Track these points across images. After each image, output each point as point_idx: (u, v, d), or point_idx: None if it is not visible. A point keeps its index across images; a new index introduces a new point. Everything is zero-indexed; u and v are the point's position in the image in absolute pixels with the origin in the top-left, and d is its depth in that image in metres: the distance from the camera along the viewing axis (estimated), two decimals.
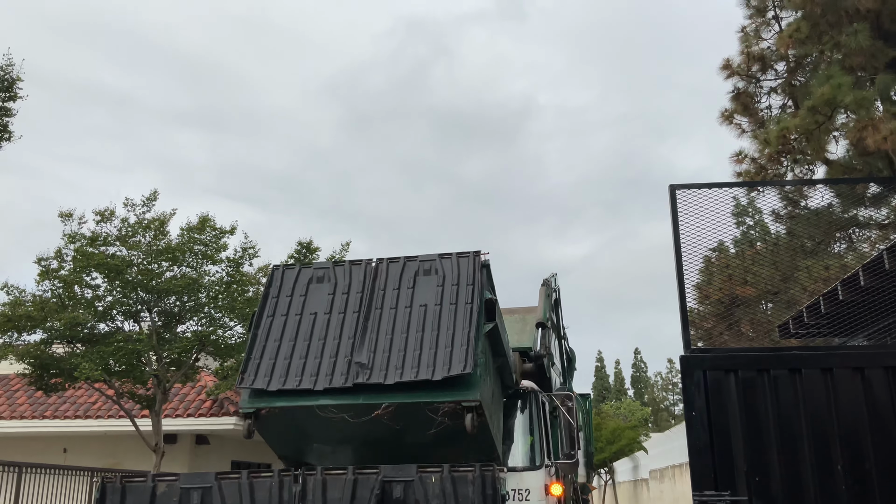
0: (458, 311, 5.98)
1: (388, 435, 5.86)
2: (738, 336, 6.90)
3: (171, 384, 16.07)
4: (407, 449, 5.96)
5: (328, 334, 6.11)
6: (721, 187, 6.20)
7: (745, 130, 12.66)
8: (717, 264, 6.85)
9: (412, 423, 5.74)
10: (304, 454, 6.46)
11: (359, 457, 6.19)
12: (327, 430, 5.91)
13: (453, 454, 5.74)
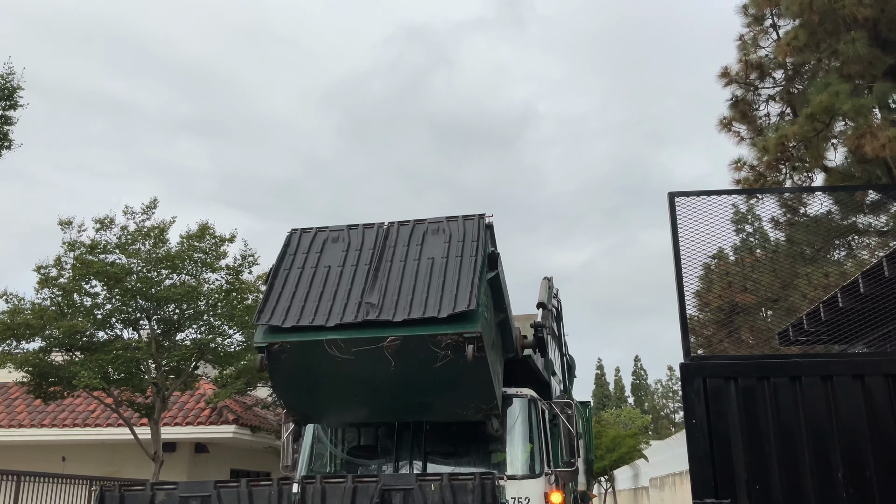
0: (462, 262, 6.48)
1: (391, 373, 6.16)
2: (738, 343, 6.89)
3: (170, 392, 16.05)
4: (409, 389, 6.32)
5: (341, 283, 6.60)
6: (720, 194, 6.20)
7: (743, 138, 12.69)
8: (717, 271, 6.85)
9: (416, 359, 6.08)
10: (309, 395, 6.70)
11: (362, 398, 6.56)
12: (334, 367, 6.24)
13: (454, 396, 6.25)
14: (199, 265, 16.37)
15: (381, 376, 6.27)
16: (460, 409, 6.65)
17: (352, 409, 6.83)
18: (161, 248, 15.87)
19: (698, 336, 6.75)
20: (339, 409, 6.86)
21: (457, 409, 6.66)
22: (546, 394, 8.64)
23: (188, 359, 16.18)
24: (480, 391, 6.43)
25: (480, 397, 6.48)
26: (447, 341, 6.01)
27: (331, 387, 6.55)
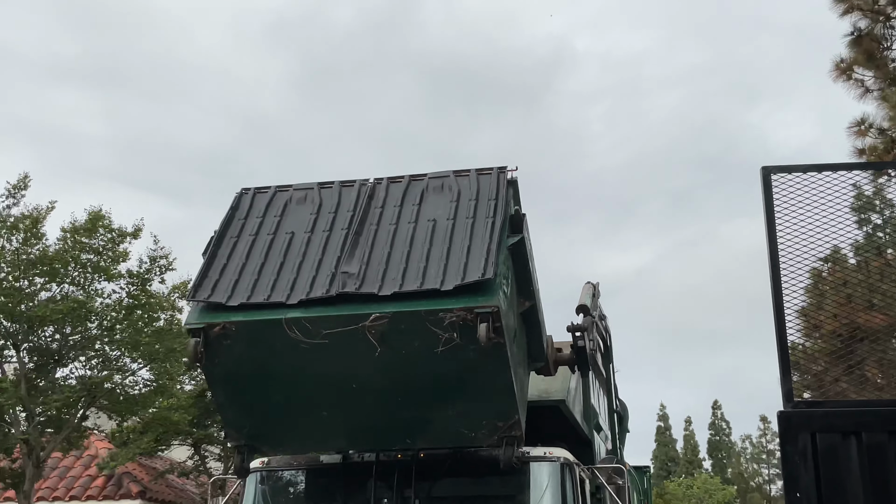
0: (475, 224, 6.63)
1: (375, 367, 6.28)
2: (862, 384, 6.90)
3: (47, 453, 16.05)
4: (399, 393, 6.48)
5: (308, 251, 6.77)
6: (835, 170, 6.21)
7: (869, 89, 12.73)
8: (831, 280, 6.85)
9: (410, 344, 6.19)
10: (261, 406, 6.82)
11: (333, 410, 6.67)
12: (297, 359, 6.34)
13: (459, 406, 6.36)
14: (88, 270, 16.37)
15: (360, 374, 6.40)
16: (467, 428, 6.72)
17: (318, 428, 7.00)
18: (35, 246, 15.89)
19: (804, 374, 6.75)
20: (300, 428, 7.06)
21: (463, 428, 6.73)
22: (587, 455, 8.66)
23: (73, 405, 16.18)
24: (496, 397, 6.52)
25: (496, 407, 6.57)
26: (452, 319, 6.06)
27: (291, 391, 6.68)
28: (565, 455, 7.64)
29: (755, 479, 68.95)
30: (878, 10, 12.35)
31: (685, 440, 73.28)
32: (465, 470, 7.44)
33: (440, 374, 6.39)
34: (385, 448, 7.34)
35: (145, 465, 19.83)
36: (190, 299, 6.67)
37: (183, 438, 18.80)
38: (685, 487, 58.12)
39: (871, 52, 12.45)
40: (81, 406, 16.28)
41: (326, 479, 7.87)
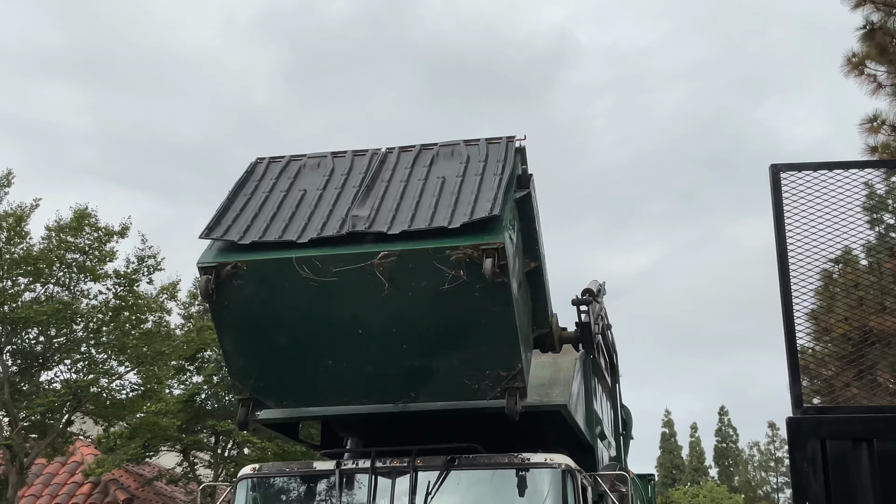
0: (484, 179, 7.14)
1: (382, 308, 6.69)
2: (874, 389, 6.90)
3: (31, 460, 16.05)
4: (406, 336, 6.84)
5: (320, 203, 7.28)
6: (847, 168, 6.21)
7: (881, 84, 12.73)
8: (843, 282, 6.86)
9: (417, 283, 6.59)
10: (267, 353, 7.16)
11: (340, 351, 7.01)
12: (306, 300, 6.74)
13: (464, 351, 6.81)
14: (74, 270, 16.37)
15: (367, 317, 6.78)
16: (471, 379, 7.04)
17: (323, 379, 7.23)
18: (18, 246, 15.89)
19: (814, 378, 6.75)
20: (305, 379, 7.29)
21: (466, 379, 7.05)
22: (589, 462, 8.67)
23: (58, 409, 16.18)
24: (500, 343, 6.85)
25: (499, 355, 6.89)
26: (458, 255, 6.44)
27: (298, 337, 7.01)
28: (567, 462, 7.65)
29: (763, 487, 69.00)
30: (890, 3, 12.36)
31: (691, 447, 73.28)
32: (463, 478, 7.45)
33: (445, 316, 6.71)
34: (391, 401, 7.58)
35: (132, 472, 19.83)
36: (202, 237, 7.00)
37: (171, 444, 18.79)
38: (691, 496, 58.13)
39: (884, 47, 12.45)
40: (67, 411, 16.27)
41: (319, 486, 7.89)
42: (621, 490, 7.90)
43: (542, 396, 8.16)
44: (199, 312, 20.07)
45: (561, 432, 8.45)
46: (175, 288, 18.19)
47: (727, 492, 61.56)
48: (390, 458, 7.53)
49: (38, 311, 15.20)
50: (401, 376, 7.20)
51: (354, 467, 7.63)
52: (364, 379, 7.25)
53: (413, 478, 7.36)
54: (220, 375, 18.92)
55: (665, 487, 61.97)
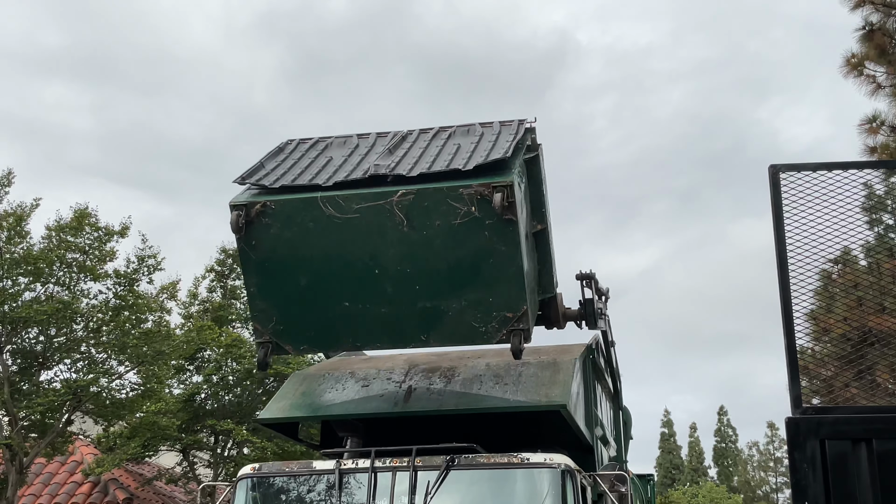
0: (497, 143, 7.78)
1: (398, 247, 7.27)
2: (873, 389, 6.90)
3: (30, 459, 16.05)
4: (419, 270, 7.36)
5: (347, 161, 7.91)
6: (846, 169, 6.21)
7: (881, 85, 12.74)
8: (842, 282, 6.86)
9: (431, 221, 7.19)
10: (290, 292, 7.65)
11: (357, 292, 7.51)
12: (329, 237, 7.35)
13: (472, 288, 7.29)
14: (74, 270, 16.37)
15: (384, 256, 7.33)
16: (479, 322, 7.44)
17: (340, 321, 7.66)
18: (19, 245, 15.89)
19: (814, 379, 6.76)
20: (323, 322, 7.73)
21: (474, 322, 7.45)
22: (588, 462, 8.67)
23: (58, 409, 16.18)
24: (507, 284, 7.31)
25: (506, 296, 7.33)
26: (470, 193, 7.09)
27: (318, 277, 7.52)
28: (566, 462, 7.65)
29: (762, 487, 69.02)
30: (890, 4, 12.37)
31: (690, 447, 73.29)
32: (463, 478, 7.46)
33: (457, 255, 7.23)
34: (400, 345, 7.93)
35: (132, 472, 19.83)
36: (236, 182, 7.64)
37: (171, 444, 18.80)
38: (690, 496, 58.17)
39: (883, 47, 12.47)
40: (66, 410, 16.27)
41: (319, 486, 7.90)
42: (621, 490, 7.90)
43: (542, 396, 8.16)
44: (199, 312, 20.09)
45: (561, 432, 8.46)
46: (175, 288, 18.19)
47: (726, 492, 61.58)
48: (390, 457, 7.54)
49: (38, 310, 15.20)
50: (413, 318, 7.57)
51: (354, 467, 7.64)
52: (378, 321, 7.61)
53: (413, 477, 7.37)
54: (220, 375, 18.94)
55: (664, 487, 61.99)
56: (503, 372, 8.39)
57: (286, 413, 8.57)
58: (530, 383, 8.14)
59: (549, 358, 8.82)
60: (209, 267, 20.92)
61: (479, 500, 7.57)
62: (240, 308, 20.69)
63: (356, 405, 8.35)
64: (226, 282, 20.93)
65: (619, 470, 9.29)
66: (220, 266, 20.98)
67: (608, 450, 10.74)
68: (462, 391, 8.21)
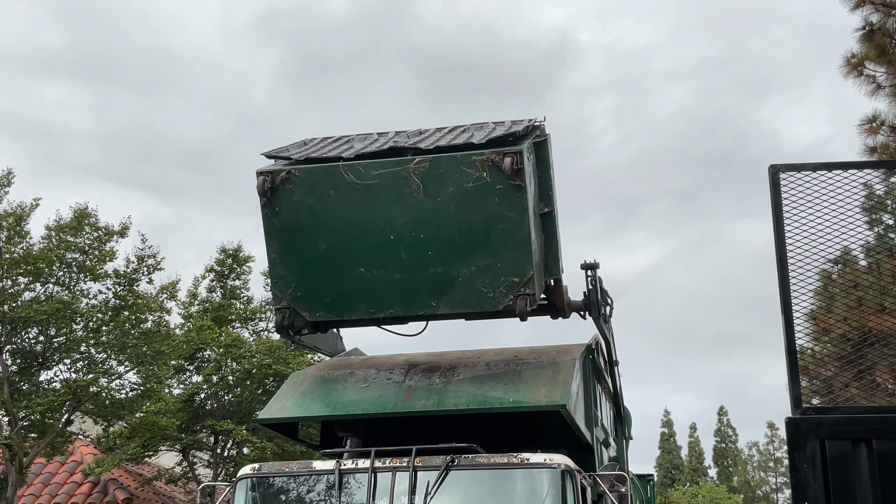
0: (508, 130, 8.19)
1: (413, 213, 7.75)
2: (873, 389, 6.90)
3: (30, 459, 16.05)
4: (431, 235, 7.81)
5: (367, 146, 8.29)
6: (846, 169, 6.21)
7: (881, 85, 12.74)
8: (842, 282, 6.86)
9: (445, 186, 7.70)
10: (309, 257, 8.12)
11: (373, 258, 7.95)
12: (349, 202, 7.86)
13: (482, 253, 7.70)
14: (74, 270, 16.38)
15: (400, 219, 7.80)
16: (487, 287, 7.80)
17: (355, 287, 8.06)
18: (18, 245, 15.89)
19: (813, 379, 6.76)
20: (339, 287, 8.12)
21: (483, 287, 7.81)
22: (588, 462, 8.68)
23: (57, 409, 16.19)
24: (515, 250, 7.70)
25: (514, 261, 7.71)
26: (482, 159, 7.62)
27: (336, 241, 7.98)
28: (566, 462, 7.66)
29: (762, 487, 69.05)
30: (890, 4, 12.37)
31: (690, 447, 73.30)
32: (462, 478, 7.47)
33: (468, 220, 7.68)
34: (413, 311, 8.18)
35: (132, 472, 19.83)
36: (264, 154, 8.27)
37: (171, 444, 18.80)
38: (690, 496, 58.18)
39: (883, 47, 12.47)
40: (66, 410, 16.28)
41: (319, 486, 7.91)
42: (620, 490, 7.91)
43: (542, 396, 8.17)
44: (199, 312, 20.09)
45: (561, 432, 8.46)
46: (175, 288, 18.18)
47: (726, 492, 61.59)
48: (390, 457, 7.54)
49: (38, 310, 15.21)
50: (425, 283, 7.91)
51: (354, 467, 7.64)
52: (392, 287, 7.97)
53: (412, 477, 7.37)
54: (220, 375, 18.94)
55: (664, 488, 62.00)
56: (503, 372, 8.39)
57: (286, 413, 8.57)
58: (530, 383, 8.14)
59: (549, 358, 8.82)
60: (209, 267, 20.92)
61: (479, 500, 7.57)
62: (239, 308, 20.70)
63: (356, 405, 8.36)
64: (225, 282, 20.92)
65: (619, 470, 9.30)
66: (219, 266, 20.97)
67: (608, 450, 10.74)
68: (462, 391, 8.22)
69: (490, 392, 8.13)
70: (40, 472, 18.82)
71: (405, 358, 9.31)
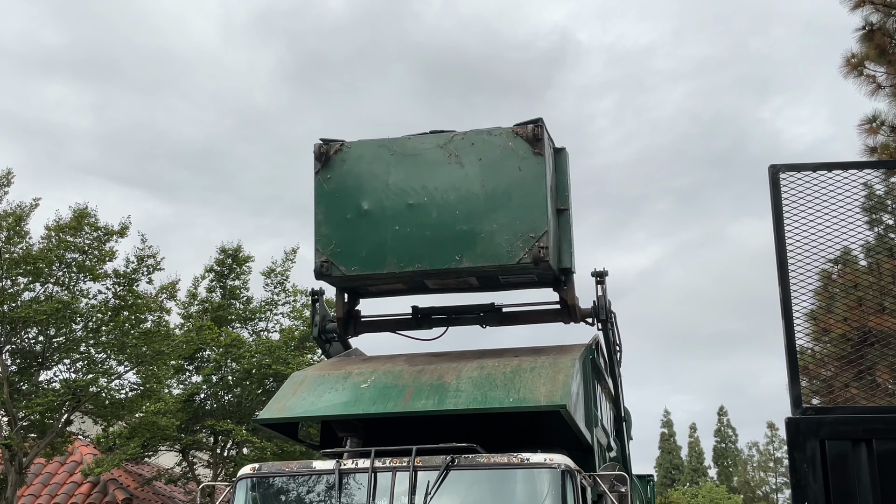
0: None
1: (448, 174, 8.91)
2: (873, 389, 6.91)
3: (30, 459, 16.05)
4: (461, 193, 8.83)
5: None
6: (846, 169, 6.21)
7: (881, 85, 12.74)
8: (842, 282, 6.87)
9: (475, 155, 8.92)
10: (351, 214, 9.13)
11: (405, 217, 8.93)
12: (391, 172, 9.06)
13: (501, 211, 8.67)
14: (73, 270, 16.38)
15: (435, 184, 8.91)
16: (506, 243, 8.66)
17: (391, 240, 8.97)
18: (18, 245, 15.89)
19: (813, 379, 6.76)
20: (374, 244, 9.02)
21: (502, 242, 8.67)
22: (588, 462, 8.67)
23: (57, 409, 16.19)
24: (532, 206, 8.67)
25: (530, 217, 8.63)
26: (508, 131, 8.90)
27: (377, 204, 9.01)
28: (566, 462, 7.65)
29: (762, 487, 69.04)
30: (890, 4, 12.38)
31: (690, 447, 73.31)
32: (463, 478, 7.47)
33: (493, 184, 8.75)
34: (438, 265, 8.87)
35: (131, 472, 19.83)
36: (320, 139, 9.31)
37: (170, 444, 18.79)
38: (690, 496, 58.21)
39: (883, 47, 12.47)
40: (66, 410, 16.28)
41: (319, 486, 7.91)
42: (621, 490, 7.91)
43: (542, 396, 8.17)
44: (199, 312, 20.08)
45: (561, 433, 8.46)
46: (174, 287, 18.18)
47: (726, 492, 61.61)
48: (390, 457, 7.54)
49: (38, 310, 15.21)
50: (451, 239, 8.78)
51: (354, 467, 7.64)
52: (421, 243, 8.88)
53: (413, 477, 7.37)
54: (219, 375, 18.93)
55: (664, 488, 62.00)
56: (503, 372, 8.39)
57: (286, 413, 8.58)
58: (530, 383, 8.13)
59: (549, 358, 8.82)
60: (209, 267, 20.92)
61: (479, 500, 7.57)
62: (239, 308, 20.70)
63: (356, 405, 8.36)
64: (225, 282, 20.91)
65: (619, 471, 9.30)
66: (219, 266, 20.96)
67: (608, 450, 10.73)
68: (462, 391, 8.22)
69: (490, 392, 8.13)
70: (40, 473, 18.81)
71: (405, 358, 9.33)
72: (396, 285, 9.47)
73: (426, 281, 9.32)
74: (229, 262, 20.90)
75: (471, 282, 9.36)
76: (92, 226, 16.38)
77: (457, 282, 9.36)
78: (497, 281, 9.28)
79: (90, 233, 16.38)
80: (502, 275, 9.05)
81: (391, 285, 9.49)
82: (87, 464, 18.10)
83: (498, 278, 9.17)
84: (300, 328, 19.76)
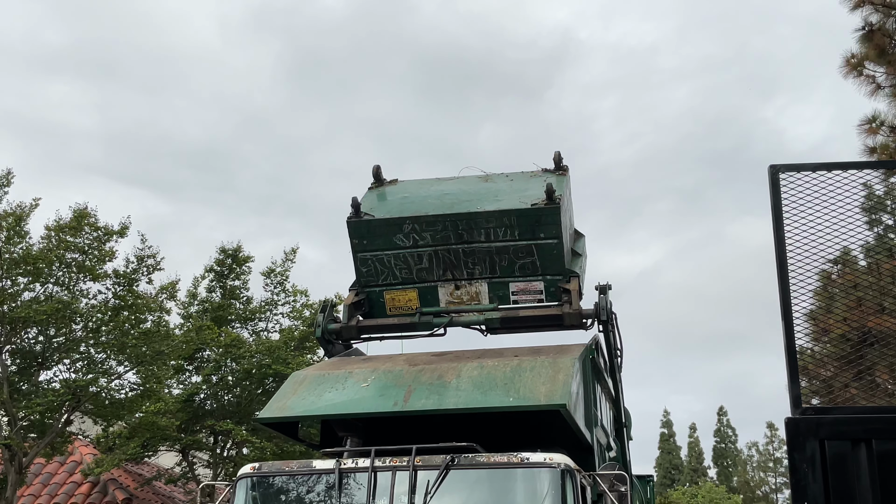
0: None
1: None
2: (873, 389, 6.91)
3: (29, 459, 16.05)
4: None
5: None
6: (846, 169, 6.22)
7: (880, 86, 12.75)
8: (841, 282, 6.87)
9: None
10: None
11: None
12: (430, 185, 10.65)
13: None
14: (73, 270, 16.38)
15: (467, 181, 10.54)
16: (521, 200, 9.71)
17: (418, 203, 10.07)
18: (18, 245, 15.89)
19: (813, 379, 6.77)
20: (401, 198, 10.27)
21: (518, 200, 9.75)
22: (588, 462, 8.68)
23: (57, 409, 16.19)
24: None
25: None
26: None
27: (414, 191, 10.38)
28: (566, 461, 7.66)
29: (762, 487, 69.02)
30: (890, 4, 12.38)
31: (689, 447, 73.31)
32: (463, 478, 7.47)
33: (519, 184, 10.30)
34: (458, 210, 9.73)
35: (131, 472, 19.83)
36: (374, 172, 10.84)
37: (170, 444, 18.80)
38: (689, 496, 58.17)
39: (883, 48, 12.49)
40: (66, 410, 16.28)
41: (319, 486, 7.92)
42: (620, 490, 7.91)
43: (542, 396, 8.17)
44: (199, 312, 20.10)
45: (561, 432, 8.47)
46: (174, 288, 18.18)
47: (726, 492, 61.59)
48: (390, 457, 7.55)
49: (38, 310, 15.21)
50: (474, 196, 10.12)
51: (354, 466, 7.65)
52: (443, 205, 10.05)
53: (412, 477, 7.38)
54: (219, 375, 18.93)
55: (664, 488, 61.99)
56: (503, 371, 8.39)
57: (286, 413, 8.58)
58: (530, 383, 8.14)
59: (549, 358, 8.82)
60: (209, 267, 20.93)
61: (479, 499, 7.58)
62: (239, 308, 20.71)
63: (356, 405, 8.37)
64: (225, 282, 20.92)
65: (619, 470, 9.31)
66: (219, 266, 20.97)
67: (608, 450, 10.74)
68: (462, 391, 8.22)
69: (490, 392, 8.13)
70: (40, 473, 18.82)
71: (405, 358, 9.33)
72: (409, 293, 10.11)
73: (440, 289, 10.06)
74: (229, 262, 20.91)
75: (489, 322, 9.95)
76: (92, 226, 16.39)
77: (471, 318, 10.01)
78: (516, 320, 9.89)
79: (90, 233, 16.38)
80: (519, 227, 9.67)
81: (402, 291, 10.16)
82: (87, 464, 18.10)
83: (517, 318, 9.88)
84: (300, 328, 19.78)
